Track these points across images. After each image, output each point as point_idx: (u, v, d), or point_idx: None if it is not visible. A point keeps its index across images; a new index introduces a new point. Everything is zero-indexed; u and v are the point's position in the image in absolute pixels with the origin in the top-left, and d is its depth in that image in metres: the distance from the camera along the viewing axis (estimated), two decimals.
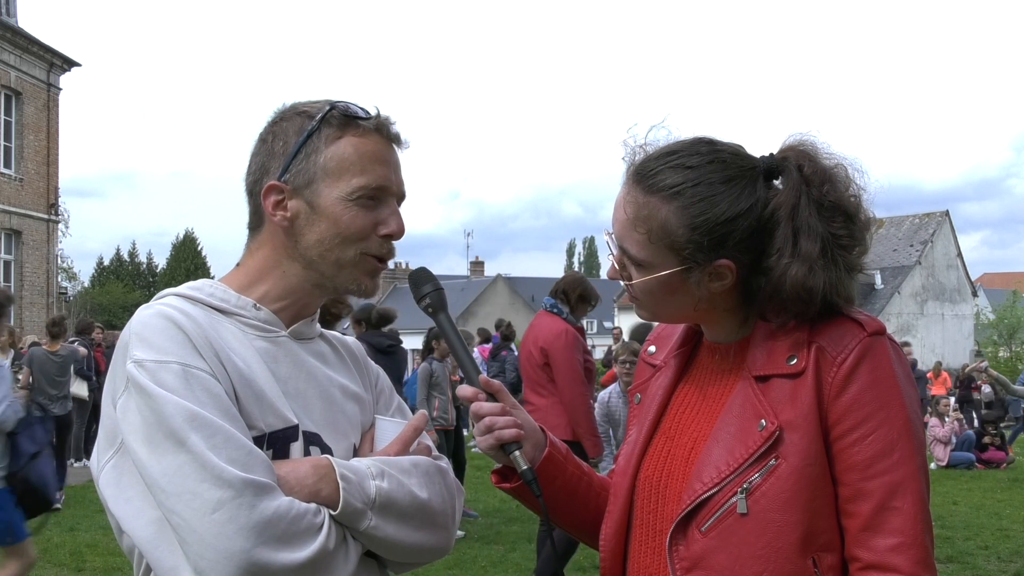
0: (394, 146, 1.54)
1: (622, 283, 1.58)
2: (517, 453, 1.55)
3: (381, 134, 1.52)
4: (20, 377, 10.98)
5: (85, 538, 8.14)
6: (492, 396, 1.57)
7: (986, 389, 22.59)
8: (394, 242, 1.54)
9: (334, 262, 1.49)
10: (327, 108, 1.50)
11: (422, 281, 1.60)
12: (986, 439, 15.17)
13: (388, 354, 7.36)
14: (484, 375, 1.60)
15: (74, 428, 11.80)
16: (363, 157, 1.49)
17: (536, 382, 5.81)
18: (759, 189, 1.50)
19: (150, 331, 1.37)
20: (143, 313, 1.41)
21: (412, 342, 13.62)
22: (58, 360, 10.48)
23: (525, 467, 1.55)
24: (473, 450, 10.99)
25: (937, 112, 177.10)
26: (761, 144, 1.57)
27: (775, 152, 1.54)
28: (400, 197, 1.55)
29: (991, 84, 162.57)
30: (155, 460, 1.29)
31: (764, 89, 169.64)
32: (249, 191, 1.55)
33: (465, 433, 10.15)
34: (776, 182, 1.52)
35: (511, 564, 7.28)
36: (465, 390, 1.58)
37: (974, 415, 19.51)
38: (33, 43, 24.74)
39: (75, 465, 12.05)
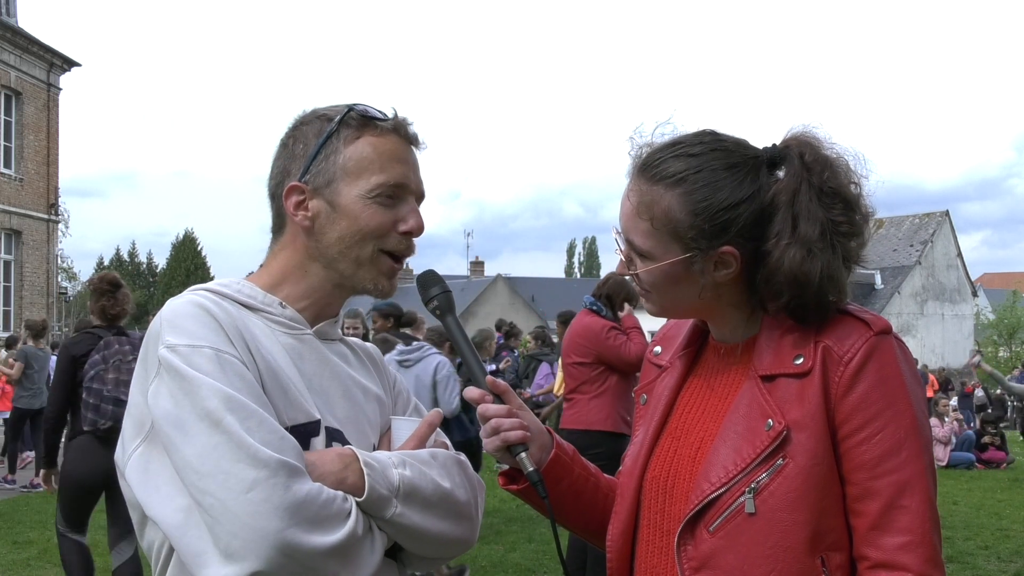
0: (412, 146, 1.58)
1: (629, 278, 1.59)
2: (523, 455, 1.55)
3: (399, 134, 1.55)
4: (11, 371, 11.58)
5: None
6: (499, 397, 1.58)
7: (979, 393, 22.57)
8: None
9: (353, 260, 1.52)
10: (345, 110, 1.53)
11: (430, 283, 1.61)
12: (986, 439, 15.18)
13: None
14: (490, 376, 1.61)
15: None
16: (382, 156, 1.52)
17: (578, 379, 5.89)
18: (762, 177, 1.51)
19: (182, 318, 1.39)
20: (174, 302, 1.44)
21: None
22: (42, 356, 11.77)
23: (531, 469, 1.55)
24: None
25: (937, 112, 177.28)
26: (763, 144, 1.58)
27: (778, 143, 1.55)
28: (419, 196, 1.58)
29: (992, 84, 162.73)
30: (188, 441, 1.29)
31: (765, 90, 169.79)
32: (271, 194, 1.58)
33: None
34: (779, 172, 1.53)
35: (511, 564, 7.27)
36: (472, 392, 1.59)
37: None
38: (33, 43, 24.74)
39: None
